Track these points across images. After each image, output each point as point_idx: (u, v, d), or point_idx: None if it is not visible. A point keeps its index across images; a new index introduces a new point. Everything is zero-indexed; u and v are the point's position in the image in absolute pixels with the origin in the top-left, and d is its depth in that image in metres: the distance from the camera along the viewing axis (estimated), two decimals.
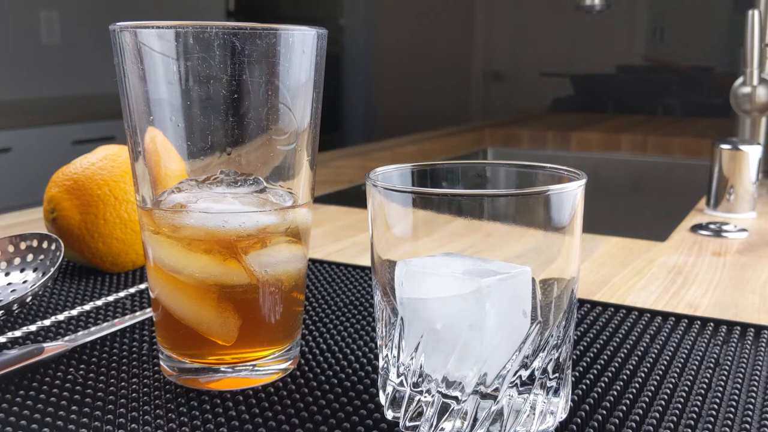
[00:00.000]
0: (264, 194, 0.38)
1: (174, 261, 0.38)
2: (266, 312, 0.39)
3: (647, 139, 1.49)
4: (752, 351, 0.45)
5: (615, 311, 0.52)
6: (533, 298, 0.33)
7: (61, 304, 0.53)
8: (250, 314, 0.39)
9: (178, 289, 0.38)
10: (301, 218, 0.40)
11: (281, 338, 0.41)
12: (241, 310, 0.39)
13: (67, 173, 0.60)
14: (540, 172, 0.37)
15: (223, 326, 0.39)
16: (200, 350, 0.40)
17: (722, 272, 0.63)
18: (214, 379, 0.40)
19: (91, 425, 0.36)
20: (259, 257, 0.38)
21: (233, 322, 0.39)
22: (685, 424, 0.36)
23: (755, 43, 0.96)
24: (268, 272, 0.39)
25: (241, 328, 0.39)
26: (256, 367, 0.40)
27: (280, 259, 0.39)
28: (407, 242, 0.34)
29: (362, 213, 0.86)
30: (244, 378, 0.40)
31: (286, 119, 0.38)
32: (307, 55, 0.38)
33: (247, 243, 0.38)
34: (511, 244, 0.33)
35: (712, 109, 2.07)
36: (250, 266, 0.38)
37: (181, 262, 0.38)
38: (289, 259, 0.40)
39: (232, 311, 0.38)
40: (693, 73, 2.29)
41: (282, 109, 0.37)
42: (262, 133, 0.37)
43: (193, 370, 0.40)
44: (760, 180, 0.89)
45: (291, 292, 0.41)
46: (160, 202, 0.38)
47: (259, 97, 0.36)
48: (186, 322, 0.39)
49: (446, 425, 0.33)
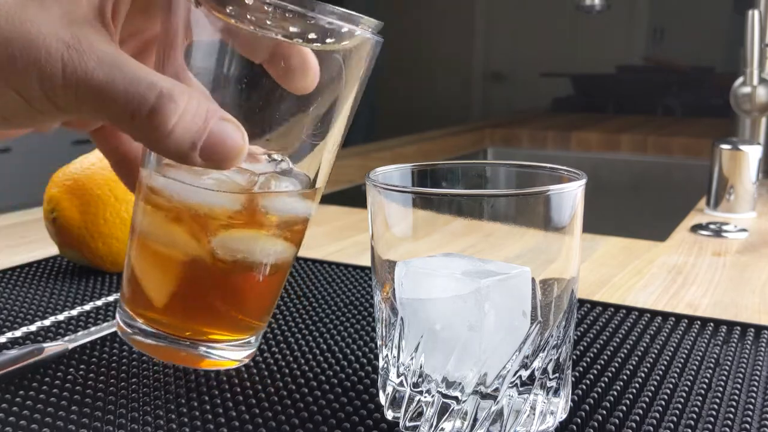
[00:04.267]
0: (276, 176, 0.36)
1: (145, 218, 0.37)
2: (207, 292, 0.38)
3: (647, 139, 1.49)
4: (752, 351, 0.45)
5: (615, 311, 0.52)
6: (533, 299, 0.33)
7: (61, 304, 0.53)
8: (190, 286, 0.37)
9: (142, 244, 0.38)
10: (288, 208, 0.37)
11: (223, 325, 0.39)
12: (183, 280, 0.37)
13: (67, 173, 0.60)
14: (540, 172, 0.37)
15: (160, 286, 0.37)
16: (136, 303, 0.38)
17: (722, 272, 0.63)
18: (145, 342, 0.38)
19: (91, 425, 0.36)
20: (225, 239, 0.36)
21: (169, 287, 0.37)
22: (685, 424, 0.36)
23: (755, 43, 0.96)
24: (229, 256, 0.36)
25: (176, 295, 0.37)
26: (188, 343, 0.38)
27: (250, 248, 0.37)
28: (407, 242, 0.34)
29: (362, 213, 0.86)
30: (167, 348, 0.38)
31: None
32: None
33: (218, 223, 0.36)
34: (511, 244, 0.33)
35: (712, 109, 2.06)
36: (213, 247, 0.36)
37: (155, 222, 0.37)
38: (262, 250, 0.37)
39: (174, 276, 0.37)
40: (693, 73, 2.29)
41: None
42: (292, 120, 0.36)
43: (136, 329, 0.39)
44: (760, 180, 0.89)
45: (251, 284, 0.38)
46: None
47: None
48: (135, 269, 0.38)
49: (446, 425, 0.33)
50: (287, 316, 0.51)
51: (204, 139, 0.30)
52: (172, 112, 0.29)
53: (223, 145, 0.30)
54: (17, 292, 0.56)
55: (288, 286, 0.58)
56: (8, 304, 0.53)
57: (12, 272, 0.61)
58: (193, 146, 0.30)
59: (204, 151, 0.30)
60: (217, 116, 0.30)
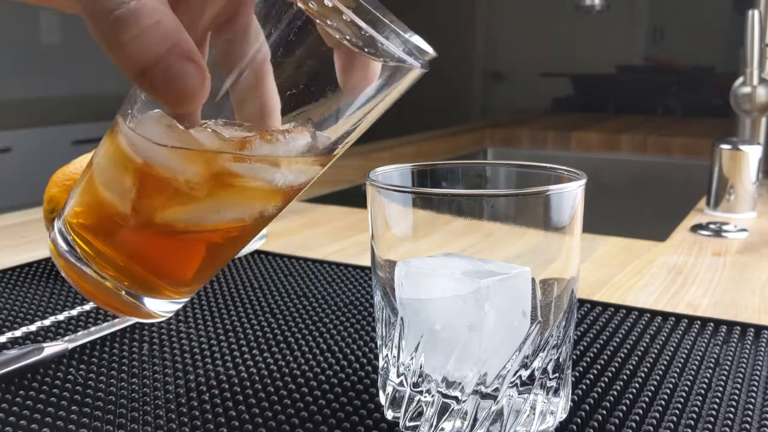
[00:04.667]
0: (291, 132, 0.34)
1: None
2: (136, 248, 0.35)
3: (647, 139, 1.49)
4: (752, 351, 0.45)
5: (615, 311, 0.52)
6: (533, 299, 0.33)
7: (61, 304, 0.53)
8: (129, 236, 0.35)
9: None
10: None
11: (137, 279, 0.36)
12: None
13: (67, 173, 0.60)
14: (540, 172, 0.37)
15: (100, 208, 0.35)
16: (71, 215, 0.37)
17: (722, 272, 0.63)
18: (69, 264, 0.36)
19: (91, 425, 0.36)
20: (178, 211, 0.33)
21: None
22: (685, 424, 0.36)
23: (755, 43, 0.96)
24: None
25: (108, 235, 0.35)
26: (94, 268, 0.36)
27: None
28: (407, 242, 0.34)
29: (362, 213, 0.86)
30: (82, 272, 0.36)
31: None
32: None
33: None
34: (511, 244, 0.33)
35: (712, 109, 2.06)
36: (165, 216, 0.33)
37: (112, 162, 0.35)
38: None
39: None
40: (693, 73, 2.29)
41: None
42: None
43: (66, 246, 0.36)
44: (760, 180, 0.89)
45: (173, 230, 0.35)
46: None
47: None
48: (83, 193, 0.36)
49: (446, 425, 0.33)
50: (287, 316, 0.51)
51: (156, 68, 0.29)
52: (131, 26, 0.29)
53: (175, 81, 0.30)
54: (17, 292, 0.56)
55: (288, 286, 0.58)
56: (8, 304, 0.54)
57: (12, 272, 0.61)
58: (142, 71, 0.29)
59: (154, 81, 0.30)
60: (182, 53, 0.30)
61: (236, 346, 0.46)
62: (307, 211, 0.87)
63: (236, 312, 0.52)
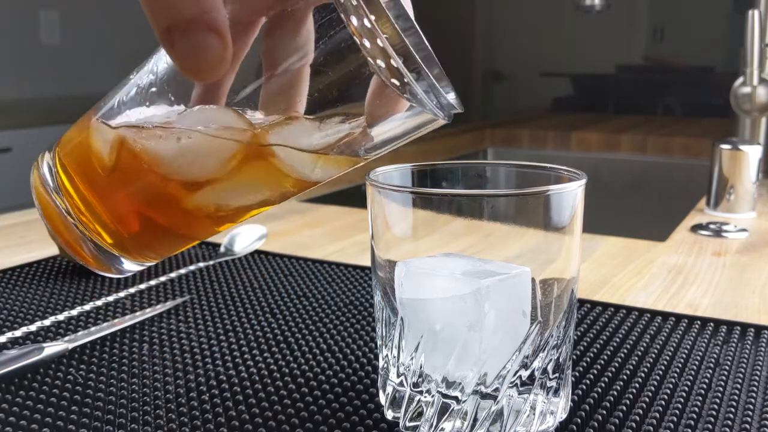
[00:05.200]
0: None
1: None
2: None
3: (647, 139, 1.49)
4: (752, 351, 0.45)
5: (615, 311, 0.52)
6: (533, 299, 0.33)
7: (60, 304, 0.53)
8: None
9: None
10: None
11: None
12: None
13: None
14: (540, 172, 0.37)
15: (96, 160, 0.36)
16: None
17: (722, 272, 0.63)
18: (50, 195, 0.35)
19: (91, 425, 0.36)
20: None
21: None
22: (685, 424, 0.36)
23: (755, 43, 0.96)
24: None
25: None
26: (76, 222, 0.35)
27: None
28: (407, 242, 0.34)
29: (362, 213, 0.86)
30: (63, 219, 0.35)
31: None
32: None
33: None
34: (511, 245, 0.33)
35: (712, 109, 2.06)
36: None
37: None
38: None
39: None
40: (693, 73, 2.29)
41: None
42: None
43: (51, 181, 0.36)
44: (760, 180, 0.89)
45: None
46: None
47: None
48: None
49: (446, 425, 0.33)
50: (287, 316, 0.51)
51: (180, 29, 0.29)
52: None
53: (195, 49, 0.30)
54: (17, 292, 0.56)
55: (288, 286, 0.58)
56: (8, 304, 0.54)
57: (12, 272, 0.61)
58: (168, 29, 0.29)
59: (176, 42, 0.30)
60: (209, 23, 0.30)
61: (236, 346, 0.46)
62: (307, 211, 0.87)
63: (236, 312, 0.52)
